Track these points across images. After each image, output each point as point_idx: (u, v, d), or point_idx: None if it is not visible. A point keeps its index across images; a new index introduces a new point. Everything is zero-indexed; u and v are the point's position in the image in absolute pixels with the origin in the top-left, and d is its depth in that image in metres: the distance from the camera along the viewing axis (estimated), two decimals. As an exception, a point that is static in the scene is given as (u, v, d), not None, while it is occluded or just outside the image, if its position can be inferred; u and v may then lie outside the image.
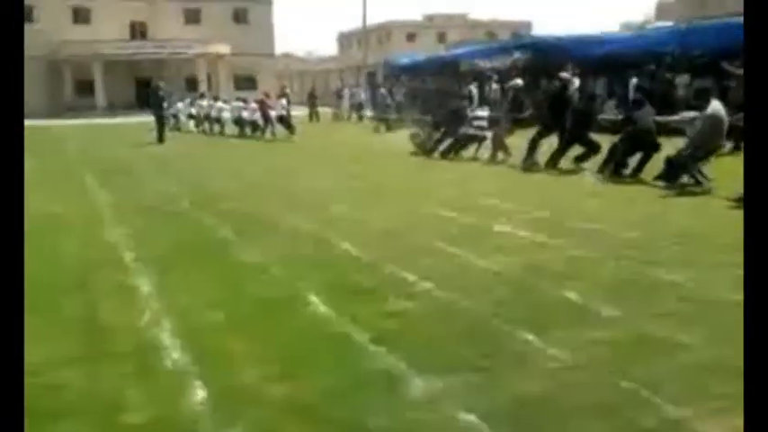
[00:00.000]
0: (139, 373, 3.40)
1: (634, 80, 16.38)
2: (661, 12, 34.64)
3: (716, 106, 8.51)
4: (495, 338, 3.74)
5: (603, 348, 3.55)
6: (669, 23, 27.44)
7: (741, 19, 16.65)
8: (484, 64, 22.95)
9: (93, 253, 5.94)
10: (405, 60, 31.81)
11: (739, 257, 5.09)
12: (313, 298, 4.49)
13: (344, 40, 60.71)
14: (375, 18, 49.50)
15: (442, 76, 24.72)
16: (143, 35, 44.11)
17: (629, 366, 3.31)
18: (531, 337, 3.72)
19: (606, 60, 18.84)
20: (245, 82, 43.90)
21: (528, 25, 57.92)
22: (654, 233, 6.08)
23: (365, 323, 3.98)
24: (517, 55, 21.81)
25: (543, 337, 3.70)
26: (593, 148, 10.35)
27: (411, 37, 55.09)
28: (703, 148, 8.38)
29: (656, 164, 8.96)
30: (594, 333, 3.76)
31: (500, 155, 11.81)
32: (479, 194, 8.45)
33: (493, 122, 12.15)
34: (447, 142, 12.73)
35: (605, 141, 10.24)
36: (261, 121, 19.18)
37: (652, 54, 17.37)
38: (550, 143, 10.87)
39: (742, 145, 11.11)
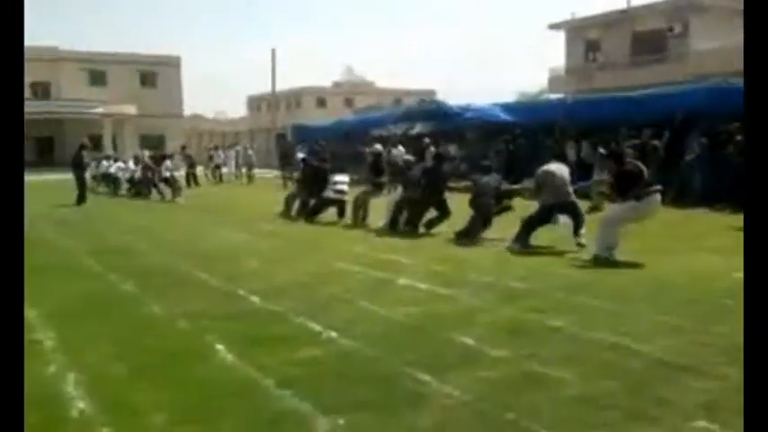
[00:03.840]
0: (47, 423, 3.43)
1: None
2: (553, 84, 37.09)
3: (553, 164, 8.88)
4: (394, 380, 4.00)
5: (492, 385, 3.89)
6: (559, 95, 29.60)
7: (626, 93, 18.31)
8: (388, 129, 23.83)
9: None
10: (313, 124, 32.51)
11: (611, 304, 5.67)
12: (219, 347, 4.62)
13: (254, 103, 61.10)
14: (285, 82, 50.24)
15: (348, 141, 25.39)
16: (45, 95, 42.97)
17: (513, 400, 3.65)
18: (427, 377, 4.00)
19: (500, 129, 20.10)
20: (152, 142, 43.30)
21: (432, 93, 60.30)
22: (536, 285, 6.57)
23: (271, 370, 4.15)
24: (420, 122, 22.83)
25: (439, 377, 4.00)
26: (443, 213, 10.39)
27: (321, 102, 56.20)
28: (549, 205, 8.54)
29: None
30: (484, 372, 4.09)
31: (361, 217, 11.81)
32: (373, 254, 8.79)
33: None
34: (311, 204, 12.77)
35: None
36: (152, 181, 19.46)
37: (542, 123, 18.68)
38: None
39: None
